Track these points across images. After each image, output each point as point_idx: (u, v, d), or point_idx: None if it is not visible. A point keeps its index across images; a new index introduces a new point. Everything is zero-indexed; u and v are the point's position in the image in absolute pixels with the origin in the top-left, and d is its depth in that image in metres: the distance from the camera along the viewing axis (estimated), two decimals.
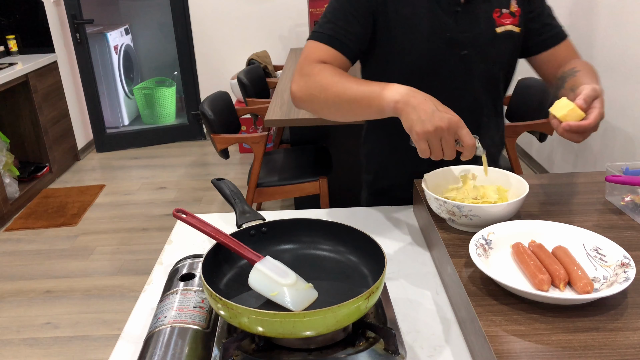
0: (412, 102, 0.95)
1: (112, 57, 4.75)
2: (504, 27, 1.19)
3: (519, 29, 1.21)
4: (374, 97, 1.02)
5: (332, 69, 1.13)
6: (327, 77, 1.10)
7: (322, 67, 1.12)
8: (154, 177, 4.05)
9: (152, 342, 0.78)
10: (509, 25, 1.19)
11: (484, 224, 0.96)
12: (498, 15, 1.18)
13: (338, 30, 1.15)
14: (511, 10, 1.19)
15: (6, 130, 3.80)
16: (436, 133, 0.92)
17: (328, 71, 1.12)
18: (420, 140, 0.94)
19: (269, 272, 0.82)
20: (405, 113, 0.96)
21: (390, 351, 0.76)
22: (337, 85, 1.09)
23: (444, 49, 1.17)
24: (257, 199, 2.59)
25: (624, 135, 2.70)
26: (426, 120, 0.93)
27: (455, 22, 1.16)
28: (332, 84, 1.09)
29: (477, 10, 1.17)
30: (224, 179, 1.12)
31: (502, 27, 1.19)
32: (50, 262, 2.96)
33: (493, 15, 1.18)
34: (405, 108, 0.96)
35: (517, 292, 0.79)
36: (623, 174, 1.07)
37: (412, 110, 0.95)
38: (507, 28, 1.19)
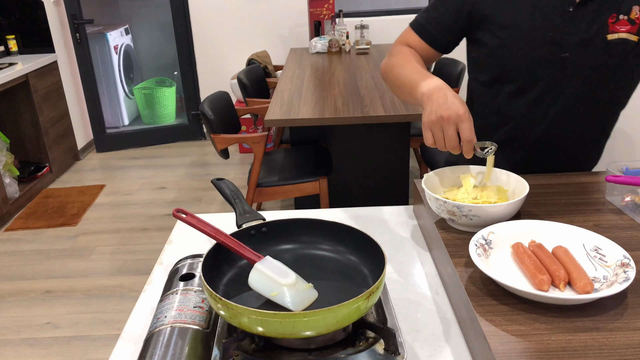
0: (433, 95, 1.02)
1: (112, 57, 4.75)
2: (617, 34, 1.11)
3: (637, 37, 1.11)
4: (413, 85, 1.10)
5: (408, 52, 1.23)
6: (398, 59, 1.22)
7: (401, 49, 1.25)
8: (154, 177, 4.05)
9: (152, 342, 0.78)
10: (623, 32, 1.11)
11: (484, 224, 0.96)
12: (613, 21, 1.11)
13: (429, 20, 1.24)
14: (631, 16, 1.10)
15: (6, 130, 3.80)
16: (438, 122, 0.98)
17: (403, 54, 1.23)
18: (424, 129, 1.01)
19: (269, 272, 0.82)
20: (425, 105, 1.03)
21: (390, 351, 0.76)
22: (398, 69, 1.20)
23: (543, 49, 1.14)
24: (257, 199, 2.59)
25: (624, 135, 2.70)
26: (433, 110, 0.99)
27: (562, 22, 1.12)
28: (397, 66, 1.20)
29: (590, 13, 1.11)
30: (224, 179, 1.12)
31: (615, 35, 1.11)
32: (50, 262, 2.96)
33: (608, 20, 1.11)
34: (426, 100, 1.03)
35: (517, 292, 0.79)
36: (623, 174, 1.07)
37: (428, 102, 1.02)
38: (621, 36, 1.11)
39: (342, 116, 2.39)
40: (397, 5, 4.59)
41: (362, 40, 3.95)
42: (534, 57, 1.16)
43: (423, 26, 1.25)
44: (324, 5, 4.03)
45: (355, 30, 4.02)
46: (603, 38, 1.11)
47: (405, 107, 2.46)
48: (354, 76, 3.11)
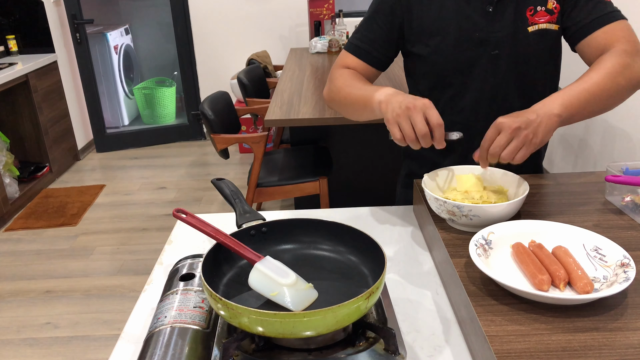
0: (392, 98, 1.03)
1: (112, 57, 4.75)
2: (537, 25, 1.15)
3: (556, 26, 1.16)
4: (367, 98, 1.11)
5: (350, 74, 1.24)
6: (342, 80, 1.23)
7: (342, 72, 1.25)
8: (154, 177, 4.05)
9: (152, 342, 0.78)
10: (543, 23, 1.15)
11: (484, 224, 0.96)
12: (532, 14, 1.15)
13: (363, 40, 1.25)
14: (548, 7, 1.15)
15: (6, 130, 3.80)
16: (405, 113, 0.98)
17: (345, 75, 1.23)
18: (391, 124, 1.01)
19: (269, 272, 0.82)
20: (384, 109, 1.04)
21: (390, 351, 0.76)
22: (345, 89, 1.21)
23: (473, 50, 1.17)
24: (257, 199, 2.59)
25: (624, 135, 2.70)
26: (396, 107, 1.01)
27: (486, 21, 1.15)
28: (343, 87, 1.21)
29: (509, 9, 1.15)
30: (224, 179, 1.12)
31: (535, 26, 1.15)
32: (50, 262, 2.96)
33: (526, 13, 1.15)
34: (386, 105, 1.04)
35: (517, 292, 0.79)
36: (623, 174, 1.07)
37: (388, 104, 1.03)
38: (541, 27, 1.16)
39: (342, 116, 2.39)
40: None
41: None
42: (466, 59, 1.19)
43: (358, 47, 1.25)
44: (324, 5, 4.03)
45: None
46: (524, 31, 1.16)
47: None
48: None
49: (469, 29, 1.16)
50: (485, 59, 1.18)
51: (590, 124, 3.03)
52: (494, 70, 1.19)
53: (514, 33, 1.16)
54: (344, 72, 1.24)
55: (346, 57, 1.28)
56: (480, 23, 1.16)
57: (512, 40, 1.17)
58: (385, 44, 1.24)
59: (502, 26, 1.16)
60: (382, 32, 1.23)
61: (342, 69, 1.26)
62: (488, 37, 1.16)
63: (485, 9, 1.16)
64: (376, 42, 1.24)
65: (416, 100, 0.98)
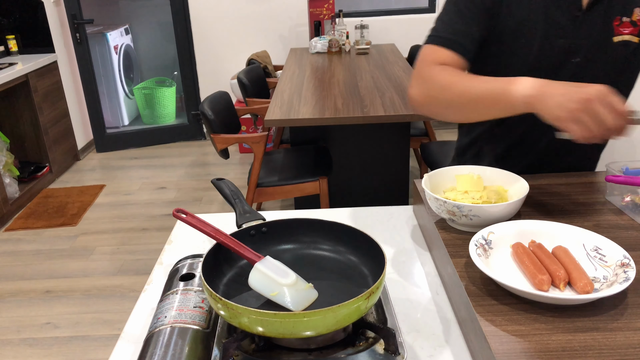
0: (546, 91, 0.90)
1: (112, 57, 4.75)
2: (621, 36, 1.12)
3: (638, 39, 1.13)
4: (500, 93, 0.97)
5: (451, 70, 1.10)
6: (448, 77, 1.07)
7: (441, 69, 1.10)
8: (154, 177, 4.05)
9: (152, 342, 0.78)
10: (627, 35, 1.12)
11: (484, 224, 0.96)
12: (618, 24, 1.12)
13: (455, 32, 1.13)
14: (633, 19, 1.12)
15: (6, 130, 3.80)
16: (584, 108, 0.85)
17: (448, 72, 1.09)
18: (569, 122, 0.86)
19: (269, 272, 0.82)
20: (542, 104, 0.90)
21: (390, 351, 0.76)
22: (459, 84, 1.05)
23: (555, 55, 1.13)
24: (257, 199, 2.59)
25: None
26: (566, 100, 0.86)
27: (574, 27, 1.12)
28: (454, 83, 1.06)
29: (597, 16, 1.12)
30: (224, 179, 1.12)
31: (620, 37, 1.12)
32: (50, 262, 2.96)
33: (613, 23, 1.12)
34: (541, 99, 0.90)
35: (517, 292, 0.79)
36: (623, 174, 1.07)
37: (548, 99, 0.89)
38: (625, 38, 1.12)
39: (342, 116, 2.39)
40: (397, 5, 4.59)
41: (362, 40, 3.95)
42: (547, 65, 1.14)
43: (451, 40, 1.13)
44: (324, 5, 4.03)
45: (355, 30, 4.02)
46: (610, 41, 1.12)
47: (406, 107, 2.46)
48: (354, 76, 3.11)
49: (554, 33, 1.12)
50: (567, 67, 1.14)
51: None
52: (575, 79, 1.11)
53: (600, 42, 1.12)
54: (445, 69, 1.09)
55: (435, 52, 1.14)
56: (567, 28, 1.11)
57: (597, 49, 1.13)
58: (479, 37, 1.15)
59: (588, 34, 1.12)
60: (475, 24, 1.13)
61: (438, 66, 1.11)
62: (572, 44, 1.12)
63: (573, 14, 1.11)
64: (469, 34, 1.14)
65: (589, 89, 0.86)
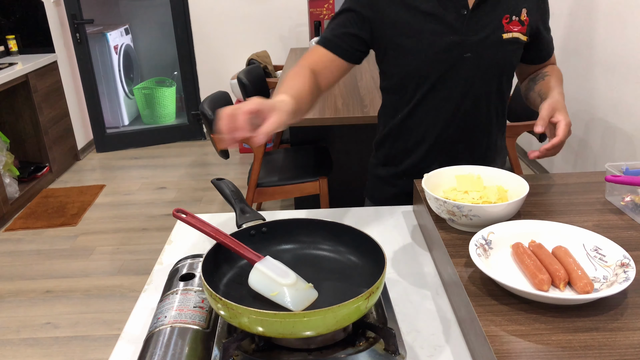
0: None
1: (112, 57, 4.75)
2: (511, 33, 1.20)
3: (526, 37, 1.22)
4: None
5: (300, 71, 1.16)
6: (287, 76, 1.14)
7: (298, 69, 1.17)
8: (154, 177, 4.05)
9: (152, 342, 0.78)
10: (516, 32, 1.20)
11: (484, 224, 0.96)
12: (507, 22, 1.19)
13: (335, 33, 1.22)
14: (521, 18, 1.20)
15: (6, 130, 3.80)
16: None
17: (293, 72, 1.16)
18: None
19: (269, 272, 0.82)
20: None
21: (390, 351, 0.76)
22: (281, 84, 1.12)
23: (447, 52, 1.18)
24: (257, 199, 2.59)
25: (624, 135, 2.70)
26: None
27: (462, 25, 1.17)
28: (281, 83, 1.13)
29: (485, 14, 1.18)
30: (224, 179, 1.12)
31: (510, 34, 1.20)
32: (50, 262, 2.96)
33: (502, 21, 1.19)
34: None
35: (517, 292, 0.79)
36: (623, 174, 1.07)
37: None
38: (515, 35, 1.20)
39: (342, 116, 2.39)
40: None
41: None
42: (440, 62, 1.20)
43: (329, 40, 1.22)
44: (324, 5, 4.03)
45: None
46: (499, 37, 1.19)
47: None
48: (354, 76, 3.11)
49: (443, 31, 1.17)
50: (459, 63, 1.19)
51: (590, 124, 3.03)
52: (468, 74, 1.21)
53: (490, 38, 1.19)
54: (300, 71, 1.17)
55: (315, 51, 1.23)
56: (455, 26, 1.17)
57: (487, 45, 1.19)
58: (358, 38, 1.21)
59: (477, 31, 1.18)
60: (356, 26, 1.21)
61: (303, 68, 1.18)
62: (461, 41, 1.18)
63: (461, 12, 1.17)
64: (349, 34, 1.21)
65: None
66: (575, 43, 3.13)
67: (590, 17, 2.95)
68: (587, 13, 2.98)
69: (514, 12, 1.20)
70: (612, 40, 2.75)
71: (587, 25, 2.99)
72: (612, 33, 2.75)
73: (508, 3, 1.19)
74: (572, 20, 3.14)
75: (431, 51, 1.18)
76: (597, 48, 2.90)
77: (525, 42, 1.23)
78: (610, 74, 2.78)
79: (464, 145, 1.30)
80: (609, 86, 2.80)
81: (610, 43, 2.77)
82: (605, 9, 2.80)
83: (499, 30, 1.19)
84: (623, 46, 2.65)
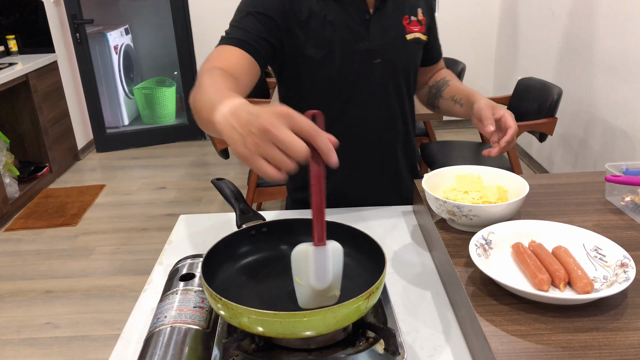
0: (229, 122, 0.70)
1: (112, 57, 4.75)
2: (413, 34, 1.19)
3: (425, 37, 1.23)
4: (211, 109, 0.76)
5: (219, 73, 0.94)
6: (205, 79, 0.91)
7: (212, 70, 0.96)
8: (154, 177, 4.05)
9: (152, 342, 0.78)
10: (417, 32, 1.20)
11: (484, 224, 0.96)
12: (407, 23, 1.19)
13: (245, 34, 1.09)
14: (419, 18, 1.21)
15: (6, 130, 3.80)
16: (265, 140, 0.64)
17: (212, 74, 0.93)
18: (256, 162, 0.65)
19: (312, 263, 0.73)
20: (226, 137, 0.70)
21: (390, 351, 0.76)
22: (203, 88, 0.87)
23: (356, 59, 1.16)
24: (257, 199, 2.59)
25: (624, 135, 2.70)
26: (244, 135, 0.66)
27: (367, 30, 1.15)
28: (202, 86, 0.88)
29: (387, 17, 1.17)
30: (224, 179, 1.12)
31: (412, 34, 1.19)
32: (50, 262, 2.96)
33: (403, 22, 1.18)
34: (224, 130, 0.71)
35: (517, 292, 0.79)
36: (623, 174, 1.07)
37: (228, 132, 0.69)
38: (416, 35, 1.20)
39: None
40: None
41: None
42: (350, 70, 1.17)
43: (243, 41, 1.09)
44: None
45: None
46: (404, 39, 1.19)
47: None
48: None
49: (351, 38, 1.15)
50: (370, 69, 1.18)
51: (590, 124, 3.03)
52: (379, 80, 1.20)
53: (394, 41, 1.18)
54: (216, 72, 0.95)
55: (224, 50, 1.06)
56: (361, 32, 1.15)
57: (393, 48, 1.18)
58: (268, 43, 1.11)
59: (382, 35, 1.17)
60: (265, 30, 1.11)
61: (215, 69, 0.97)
62: (369, 47, 1.16)
63: (363, 17, 1.15)
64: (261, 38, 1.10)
65: (266, 115, 0.65)
66: (575, 43, 3.13)
67: (590, 17, 2.95)
68: (587, 13, 2.98)
69: (411, 12, 1.20)
70: (612, 40, 2.75)
71: (587, 25, 2.99)
72: (612, 33, 2.75)
73: (405, 4, 1.19)
74: (572, 20, 3.14)
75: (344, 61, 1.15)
76: (597, 48, 2.90)
77: (425, 41, 1.22)
78: (610, 74, 2.78)
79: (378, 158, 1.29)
80: (609, 86, 2.80)
81: (610, 43, 2.77)
82: (605, 9, 2.80)
83: (402, 31, 1.18)
84: (623, 46, 2.65)
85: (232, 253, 0.88)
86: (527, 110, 2.72)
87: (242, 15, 1.13)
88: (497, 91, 4.57)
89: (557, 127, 2.70)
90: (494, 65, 4.62)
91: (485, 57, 4.57)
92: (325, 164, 0.65)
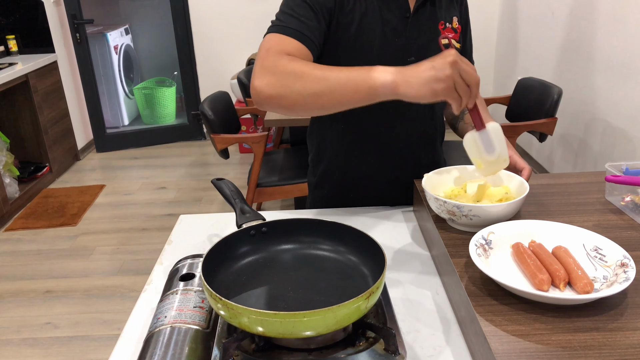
0: (407, 73, 0.90)
1: (112, 57, 4.75)
2: (447, 39, 1.21)
3: (459, 44, 1.24)
4: (362, 80, 0.93)
5: (300, 59, 1.02)
6: (301, 65, 0.99)
7: (291, 58, 1.02)
8: (154, 177, 4.05)
9: (152, 342, 0.78)
10: (452, 38, 1.22)
11: (484, 224, 0.96)
12: (443, 28, 1.21)
13: (302, 24, 1.08)
14: (453, 26, 1.23)
15: (6, 130, 3.80)
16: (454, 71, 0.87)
17: (299, 61, 1.01)
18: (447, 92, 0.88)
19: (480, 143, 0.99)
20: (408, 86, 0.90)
21: (390, 351, 0.76)
22: (316, 72, 0.97)
23: (394, 55, 1.17)
24: (257, 199, 2.59)
25: (624, 135, 2.70)
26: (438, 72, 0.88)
27: (405, 27, 1.17)
28: (309, 71, 0.97)
29: (424, 19, 1.19)
30: (224, 179, 1.12)
31: (446, 39, 1.21)
32: (50, 262, 2.96)
33: (439, 26, 1.21)
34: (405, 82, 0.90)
35: (517, 292, 0.79)
36: (623, 174, 1.07)
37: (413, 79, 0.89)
38: (450, 41, 1.21)
39: None
40: None
41: None
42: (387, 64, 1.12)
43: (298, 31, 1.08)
44: None
45: None
46: (437, 42, 1.20)
47: None
48: None
49: (391, 33, 1.16)
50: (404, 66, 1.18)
51: (590, 124, 3.03)
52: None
53: (429, 42, 1.19)
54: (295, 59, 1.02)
55: (281, 42, 1.07)
56: (400, 29, 1.17)
57: (427, 49, 1.18)
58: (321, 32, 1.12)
59: (418, 34, 1.18)
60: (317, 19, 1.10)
61: (286, 56, 1.03)
62: (406, 44, 1.18)
63: (404, 15, 1.17)
64: (314, 27, 1.10)
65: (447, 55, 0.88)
66: (575, 43, 3.13)
67: (590, 17, 2.95)
68: (587, 13, 2.98)
69: (447, 19, 1.21)
70: (612, 40, 2.75)
71: (587, 25, 2.99)
72: (612, 33, 2.75)
73: (442, 9, 1.21)
74: (572, 20, 3.14)
75: (380, 54, 1.16)
76: (597, 48, 2.90)
77: (458, 49, 1.23)
78: (610, 74, 2.78)
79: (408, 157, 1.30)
80: (609, 86, 2.80)
81: (610, 43, 2.77)
82: (605, 9, 2.80)
83: (437, 35, 1.20)
84: (623, 46, 2.65)
85: (232, 253, 0.88)
86: (527, 110, 2.72)
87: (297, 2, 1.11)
88: (497, 91, 4.57)
89: (557, 127, 2.70)
90: (494, 65, 4.62)
91: (485, 57, 4.57)
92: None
